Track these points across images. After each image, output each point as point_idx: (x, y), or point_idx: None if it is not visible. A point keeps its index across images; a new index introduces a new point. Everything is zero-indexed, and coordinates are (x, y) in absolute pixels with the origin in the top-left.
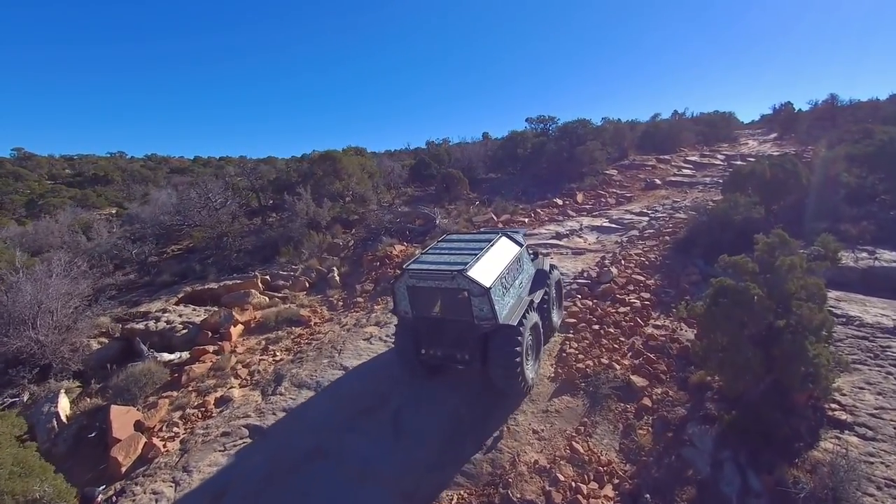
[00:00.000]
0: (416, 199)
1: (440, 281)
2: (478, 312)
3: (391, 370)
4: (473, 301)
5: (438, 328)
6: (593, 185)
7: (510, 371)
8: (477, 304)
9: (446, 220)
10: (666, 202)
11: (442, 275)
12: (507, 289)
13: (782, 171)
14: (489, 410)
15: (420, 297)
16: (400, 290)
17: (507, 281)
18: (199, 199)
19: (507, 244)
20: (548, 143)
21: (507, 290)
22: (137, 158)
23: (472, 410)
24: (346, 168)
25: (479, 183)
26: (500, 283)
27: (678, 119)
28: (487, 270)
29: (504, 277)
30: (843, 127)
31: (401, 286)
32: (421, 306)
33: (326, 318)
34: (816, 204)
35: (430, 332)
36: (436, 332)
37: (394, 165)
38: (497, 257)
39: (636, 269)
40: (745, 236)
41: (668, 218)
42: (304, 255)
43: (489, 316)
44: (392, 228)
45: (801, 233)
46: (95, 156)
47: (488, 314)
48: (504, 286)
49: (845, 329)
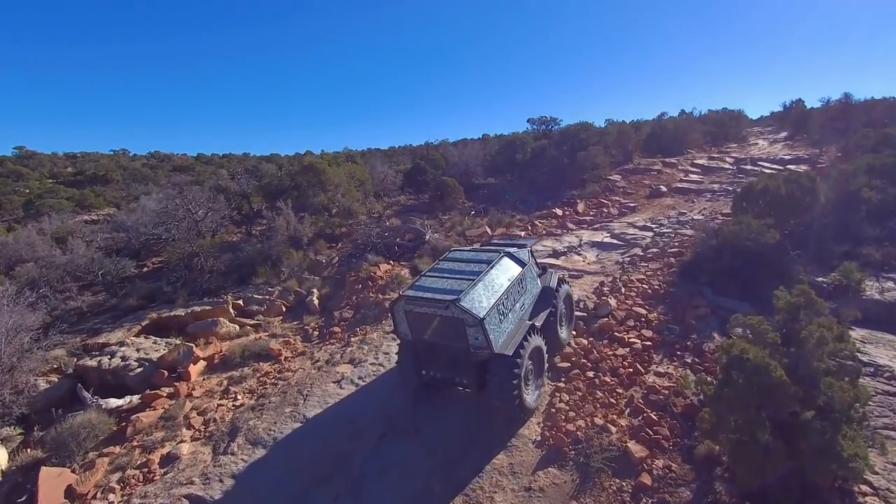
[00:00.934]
0: (409, 208)
1: (435, 309)
2: (473, 341)
3: (358, 422)
4: (468, 331)
5: (436, 352)
6: (595, 193)
7: (507, 399)
8: (472, 334)
9: (437, 234)
10: (671, 214)
11: (437, 303)
12: (505, 315)
13: (798, 188)
14: (463, 482)
15: (418, 322)
16: (399, 313)
17: (505, 306)
18: (180, 211)
19: (508, 265)
20: (548, 149)
21: (506, 316)
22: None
23: (444, 483)
24: (330, 179)
25: (476, 189)
26: (496, 310)
27: (685, 119)
28: (483, 298)
29: (502, 303)
30: (857, 130)
31: (399, 310)
32: (419, 330)
33: (299, 352)
34: (835, 223)
35: (428, 354)
36: (434, 355)
37: (387, 172)
38: (495, 282)
39: (637, 299)
40: (757, 262)
41: (673, 234)
42: (284, 275)
43: (484, 345)
44: (379, 244)
45: (820, 256)
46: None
47: (483, 343)
48: (502, 312)
49: (874, 382)
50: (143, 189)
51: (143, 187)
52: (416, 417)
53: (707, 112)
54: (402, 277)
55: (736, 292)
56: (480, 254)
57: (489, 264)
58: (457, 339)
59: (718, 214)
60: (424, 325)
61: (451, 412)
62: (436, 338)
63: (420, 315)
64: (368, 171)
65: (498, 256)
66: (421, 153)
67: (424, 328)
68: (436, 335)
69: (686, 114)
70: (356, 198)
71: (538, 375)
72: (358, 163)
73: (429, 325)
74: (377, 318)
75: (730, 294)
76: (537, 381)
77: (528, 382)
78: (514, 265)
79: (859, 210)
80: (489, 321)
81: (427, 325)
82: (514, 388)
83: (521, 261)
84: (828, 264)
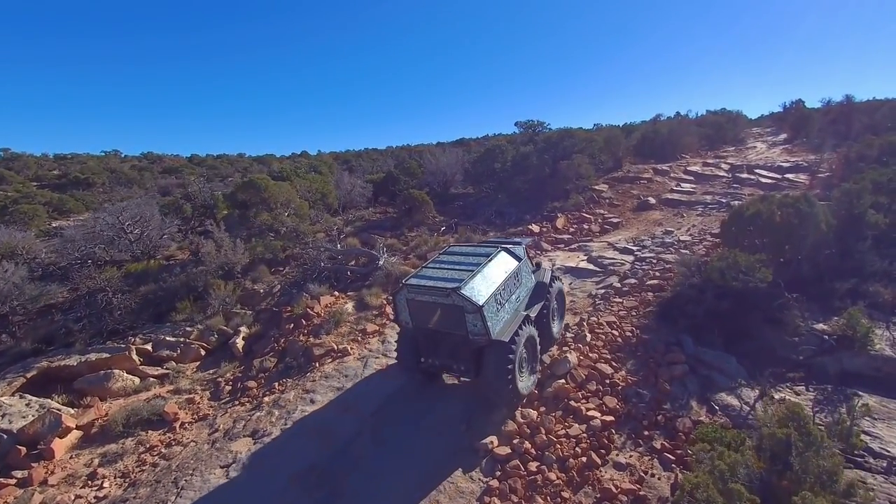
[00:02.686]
0: (374, 224)
1: (436, 297)
2: (471, 328)
3: None
4: (467, 317)
5: (436, 339)
6: (578, 205)
7: (502, 384)
8: (471, 321)
9: (394, 257)
10: (657, 232)
11: (438, 291)
12: (501, 304)
13: (795, 214)
14: None
15: (418, 310)
16: (400, 302)
17: (502, 297)
18: (112, 229)
19: (505, 259)
20: (531, 156)
21: (503, 306)
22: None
23: None
24: (275, 196)
25: (451, 200)
26: (494, 299)
27: (680, 121)
28: (482, 287)
29: (499, 293)
30: (860, 134)
31: (401, 298)
32: (419, 318)
33: (200, 416)
34: (838, 254)
35: (428, 342)
36: (434, 342)
37: (354, 183)
38: (493, 273)
39: (604, 350)
40: (746, 305)
41: (655, 260)
42: (214, 308)
43: (482, 332)
44: (329, 269)
45: (820, 294)
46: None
47: (481, 330)
48: (499, 302)
49: (886, 485)
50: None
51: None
52: None
53: (704, 113)
54: (343, 314)
55: (721, 342)
56: (479, 248)
57: (487, 257)
58: (456, 326)
59: (707, 235)
60: (425, 312)
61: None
62: (436, 325)
63: (421, 303)
64: (334, 182)
65: (496, 251)
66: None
67: (425, 316)
68: (436, 322)
69: (682, 116)
70: (309, 215)
71: (532, 364)
72: (323, 173)
73: (429, 313)
74: (302, 368)
75: (713, 344)
76: (531, 369)
77: (523, 370)
78: (510, 259)
79: (865, 237)
80: (487, 309)
81: (428, 313)
82: (510, 372)
83: (517, 256)
84: (829, 305)
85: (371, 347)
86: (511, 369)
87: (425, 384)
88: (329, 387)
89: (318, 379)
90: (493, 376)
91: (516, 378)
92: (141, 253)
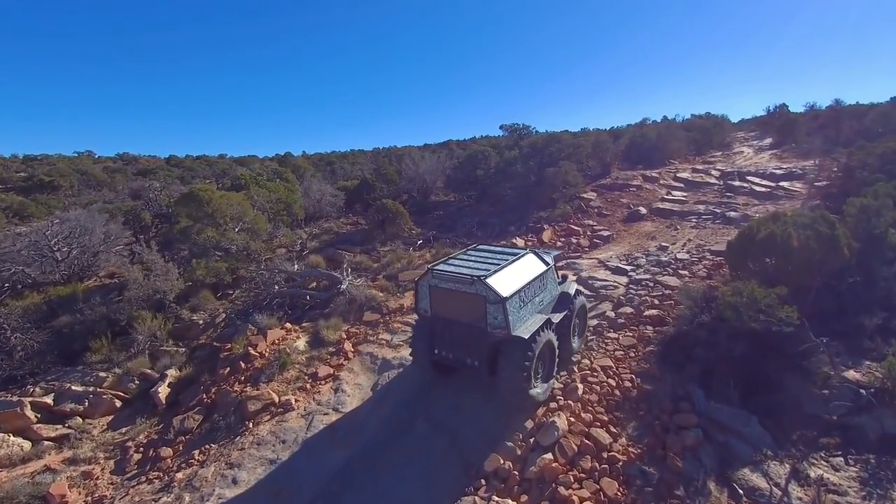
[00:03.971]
0: (343, 237)
1: (461, 284)
2: (492, 320)
3: None
4: (489, 308)
5: (453, 330)
6: (566, 215)
7: (517, 383)
8: (492, 312)
9: (360, 280)
10: (651, 247)
11: (463, 279)
12: (525, 303)
13: (815, 237)
14: None
15: (440, 298)
16: (423, 288)
17: (526, 295)
18: (34, 248)
19: (533, 261)
20: (516, 163)
21: (525, 304)
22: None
23: None
24: (221, 210)
25: (430, 210)
26: (518, 295)
27: (668, 125)
28: (507, 281)
29: (524, 291)
30: (850, 139)
31: (424, 285)
32: (440, 306)
33: (95, 498)
34: (863, 283)
35: (444, 333)
36: (450, 333)
37: (324, 191)
38: (520, 271)
39: (599, 408)
40: (765, 349)
41: (652, 283)
42: (139, 345)
43: (502, 325)
44: (284, 294)
45: (846, 332)
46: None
47: (501, 323)
48: (522, 300)
49: None
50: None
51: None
52: None
53: (690, 117)
54: (292, 353)
55: (737, 394)
56: (508, 248)
57: (516, 256)
58: (476, 317)
59: (707, 252)
60: (447, 301)
61: None
62: (455, 314)
63: (444, 290)
64: (302, 189)
65: (525, 251)
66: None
67: (445, 304)
68: (455, 312)
69: (669, 120)
70: (265, 230)
71: (549, 370)
72: (289, 180)
73: (450, 302)
74: (232, 429)
75: (729, 398)
76: (547, 375)
77: (539, 374)
78: (538, 262)
79: (888, 260)
80: (511, 303)
81: (449, 301)
82: (525, 370)
83: (545, 261)
84: (858, 345)
85: (321, 399)
86: (528, 366)
87: (384, 447)
88: (260, 459)
89: (247, 447)
90: (507, 374)
91: (532, 379)
92: (71, 274)
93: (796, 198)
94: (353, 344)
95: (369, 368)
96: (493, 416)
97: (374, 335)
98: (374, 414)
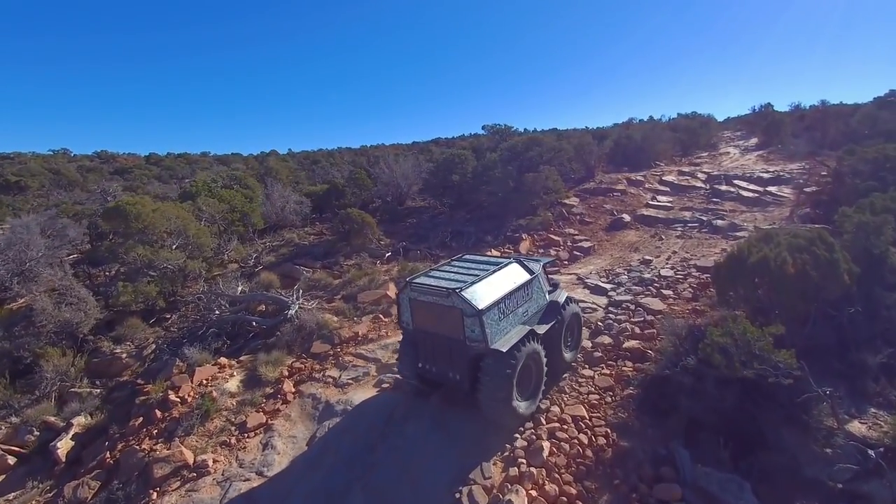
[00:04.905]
0: (303, 250)
1: (437, 297)
2: (469, 333)
3: None
4: (465, 321)
5: (435, 343)
6: (546, 223)
7: (495, 398)
8: (469, 325)
9: (313, 302)
10: (633, 261)
11: (440, 291)
12: (505, 314)
13: (813, 261)
14: None
15: (420, 311)
16: (404, 301)
17: (507, 307)
18: None
19: (516, 270)
20: (495, 167)
21: (506, 316)
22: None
23: None
24: (152, 225)
25: (404, 217)
26: (497, 307)
27: (653, 125)
28: (485, 293)
29: (504, 302)
30: (836, 141)
31: (404, 297)
32: (420, 319)
33: None
34: (864, 312)
35: (427, 346)
36: (432, 347)
37: (288, 197)
38: (500, 282)
39: (567, 475)
40: (757, 398)
41: (633, 306)
42: (45, 387)
43: (479, 338)
44: (225, 320)
45: (848, 373)
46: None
47: (479, 336)
48: (502, 311)
49: None
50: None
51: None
52: None
53: (676, 116)
54: (220, 397)
55: (729, 456)
56: (492, 258)
57: (497, 266)
58: (454, 329)
59: (693, 268)
60: (426, 314)
61: None
62: (435, 328)
63: (423, 304)
64: (264, 195)
65: (507, 261)
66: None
67: (425, 317)
68: (435, 325)
69: (655, 120)
70: (210, 245)
71: (534, 387)
72: (251, 187)
73: (430, 314)
74: (131, 501)
75: (720, 460)
76: (534, 389)
77: (521, 390)
78: (522, 272)
79: (889, 285)
80: (488, 315)
81: (428, 314)
82: (504, 386)
83: (530, 270)
84: (861, 388)
85: (245, 457)
86: (507, 383)
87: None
88: None
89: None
90: (486, 388)
91: (512, 393)
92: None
93: (785, 204)
94: (296, 383)
95: (309, 415)
96: (444, 488)
97: (321, 371)
98: (303, 480)
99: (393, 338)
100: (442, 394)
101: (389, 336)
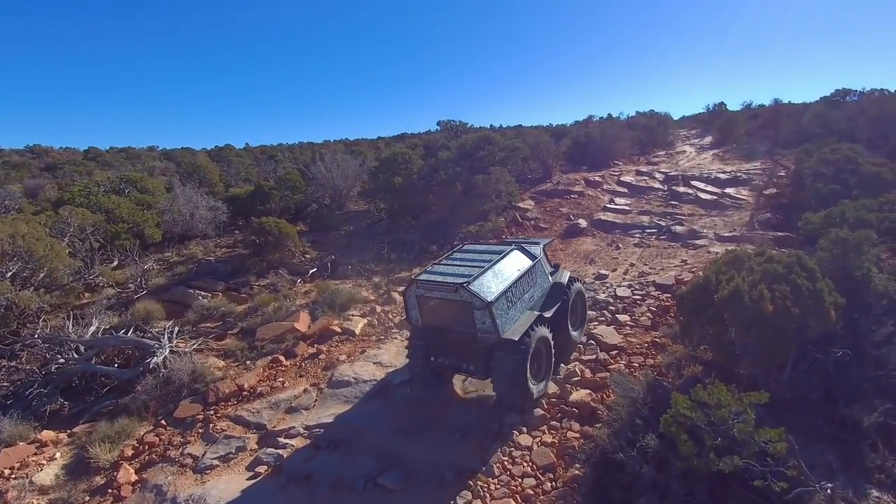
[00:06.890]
0: (205, 268)
1: (445, 293)
2: (480, 325)
3: None
4: (476, 314)
5: (446, 337)
6: (498, 230)
7: (511, 385)
8: (479, 318)
9: (192, 343)
10: (588, 275)
11: (447, 287)
12: (513, 303)
13: (794, 295)
14: None
15: (428, 307)
16: (411, 298)
17: (514, 295)
18: None
19: (518, 257)
20: (445, 167)
21: (514, 304)
22: (11, 150)
23: None
24: None
25: (337, 225)
26: (504, 297)
27: (612, 123)
28: (492, 284)
29: (511, 291)
30: (789, 140)
31: (411, 295)
32: (429, 315)
33: None
34: (852, 351)
35: (438, 340)
36: (444, 341)
37: (199, 203)
38: (505, 270)
39: None
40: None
41: (584, 339)
42: None
43: (491, 329)
44: (66, 372)
45: (837, 436)
46: None
47: (490, 328)
48: (510, 300)
49: None
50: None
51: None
52: None
53: (635, 114)
54: (17, 499)
55: None
56: (493, 246)
57: (500, 254)
58: (465, 323)
59: (652, 286)
60: (434, 309)
61: None
62: (445, 322)
63: (430, 300)
64: (169, 201)
65: (509, 248)
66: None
67: (434, 313)
68: (445, 320)
69: (613, 118)
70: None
71: (546, 368)
72: (149, 191)
73: (438, 310)
74: None
75: None
76: (545, 374)
77: (535, 372)
78: (524, 258)
79: (875, 316)
80: (497, 306)
81: (437, 310)
82: (519, 373)
83: (532, 255)
84: (857, 457)
85: None
86: (521, 369)
87: None
88: None
89: None
90: (500, 376)
91: (527, 379)
92: None
93: (744, 207)
94: (139, 468)
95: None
96: None
97: (179, 447)
98: None
99: (289, 391)
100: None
101: (286, 388)
